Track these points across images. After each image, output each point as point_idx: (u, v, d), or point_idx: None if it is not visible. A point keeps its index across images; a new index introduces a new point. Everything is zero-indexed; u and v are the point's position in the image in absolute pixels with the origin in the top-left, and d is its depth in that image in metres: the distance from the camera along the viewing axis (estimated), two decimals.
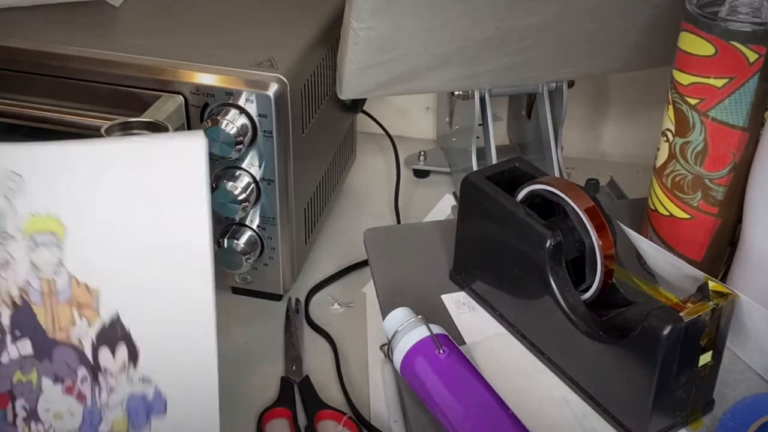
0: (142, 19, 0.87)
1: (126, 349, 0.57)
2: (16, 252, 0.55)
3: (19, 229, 0.55)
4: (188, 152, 0.56)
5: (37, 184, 0.55)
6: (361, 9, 0.78)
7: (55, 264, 0.55)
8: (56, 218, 0.55)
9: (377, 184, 1.10)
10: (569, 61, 0.92)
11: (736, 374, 0.64)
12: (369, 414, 0.78)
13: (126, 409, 0.57)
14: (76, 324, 0.56)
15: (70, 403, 0.57)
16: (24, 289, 0.56)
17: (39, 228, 0.55)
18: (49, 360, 0.56)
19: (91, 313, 0.56)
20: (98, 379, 0.56)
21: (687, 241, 0.69)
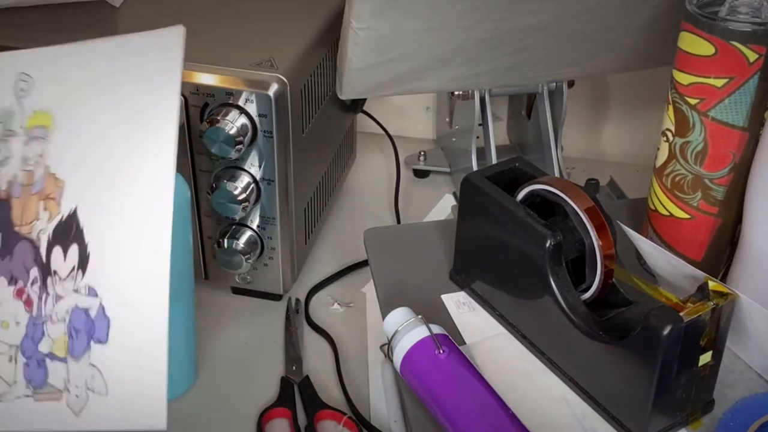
0: (142, 19, 0.87)
1: (77, 252, 0.55)
2: (14, 148, 0.57)
3: (22, 127, 0.57)
4: (167, 40, 0.57)
5: (42, 84, 0.57)
6: (361, 9, 0.78)
7: (38, 156, 0.56)
8: (50, 113, 0.56)
9: (377, 184, 1.10)
10: (569, 61, 0.92)
11: (736, 374, 0.64)
12: (369, 414, 0.78)
13: (68, 327, 0.55)
14: (39, 218, 0.56)
15: (18, 309, 0.56)
16: (11, 182, 0.56)
17: (36, 123, 0.57)
18: (10, 257, 0.56)
19: (53, 206, 0.56)
20: (47, 283, 0.55)
21: (687, 241, 0.69)
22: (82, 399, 0.54)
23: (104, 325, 0.55)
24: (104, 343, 0.55)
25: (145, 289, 0.54)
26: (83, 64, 0.57)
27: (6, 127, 0.56)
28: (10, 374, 0.55)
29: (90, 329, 0.55)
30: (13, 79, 0.57)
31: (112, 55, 0.57)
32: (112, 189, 0.55)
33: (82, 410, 0.54)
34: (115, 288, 0.55)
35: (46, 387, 0.55)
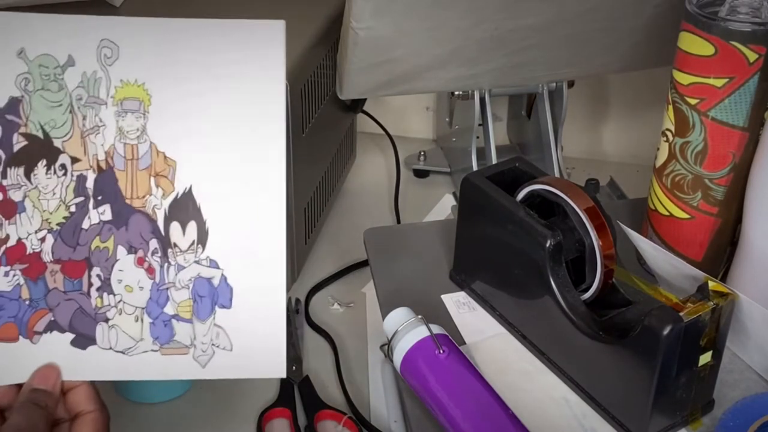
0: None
1: (196, 228, 0.59)
2: (106, 117, 0.58)
3: (110, 96, 0.58)
4: (268, 32, 0.60)
5: (130, 54, 0.58)
6: (361, 9, 0.78)
7: (139, 130, 0.58)
8: (143, 87, 0.58)
9: (377, 184, 1.10)
10: (569, 61, 0.92)
11: (736, 374, 0.64)
12: (369, 414, 0.78)
13: (192, 292, 0.59)
14: (152, 193, 0.59)
15: (140, 275, 0.59)
16: (110, 153, 0.58)
17: (127, 95, 0.58)
18: (126, 228, 0.59)
19: (166, 184, 0.59)
20: (167, 254, 0.59)
21: (687, 241, 0.69)
22: (208, 354, 0.59)
23: (227, 292, 0.59)
24: (228, 308, 0.59)
25: (265, 261, 0.59)
26: (176, 40, 0.58)
27: (91, 94, 0.58)
28: (137, 332, 0.59)
29: (214, 295, 0.59)
30: (96, 44, 0.58)
31: (210, 36, 0.59)
32: (225, 166, 0.58)
33: (208, 363, 0.59)
34: (237, 260, 0.59)
35: (173, 343, 0.59)
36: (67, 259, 0.59)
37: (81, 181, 0.59)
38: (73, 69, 0.58)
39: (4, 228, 0.59)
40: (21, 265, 0.59)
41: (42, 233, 0.59)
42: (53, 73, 0.58)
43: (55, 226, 0.59)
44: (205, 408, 0.79)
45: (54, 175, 0.59)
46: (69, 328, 0.59)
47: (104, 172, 0.59)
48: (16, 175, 0.59)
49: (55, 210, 0.59)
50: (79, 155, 0.59)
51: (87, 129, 0.59)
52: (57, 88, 0.58)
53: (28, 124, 0.59)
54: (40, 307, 0.59)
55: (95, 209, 0.59)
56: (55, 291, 0.59)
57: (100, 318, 0.59)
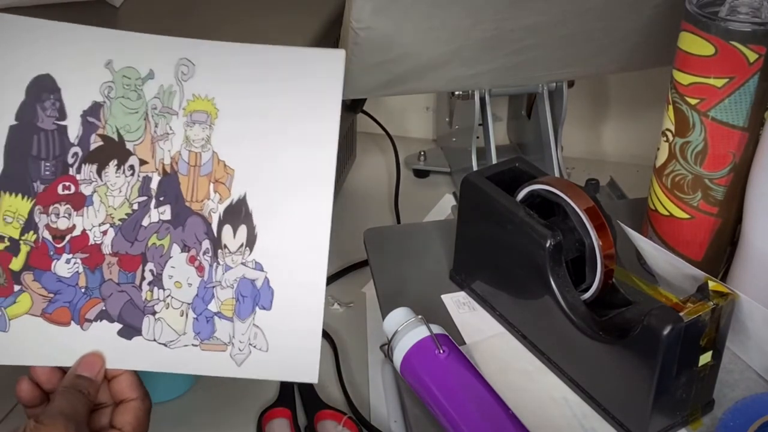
0: (142, 19, 0.87)
1: (246, 232, 0.63)
2: (176, 126, 0.64)
3: (181, 107, 0.64)
4: (328, 61, 0.65)
5: (204, 72, 0.64)
6: (361, 9, 0.78)
7: (204, 140, 0.63)
8: (212, 101, 0.64)
9: (377, 184, 1.10)
10: (569, 61, 0.92)
11: (736, 374, 0.64)
12: (369, 414, 0.78)
13: (236, 292, 0.62)
14: (210, 197, 0.63)
15: (190, 273, 0.63)
16: (175, 159, 0.63)
17: (197, 108, 0.64)
18: (182, 228, 0.63)
19: (223, 190, 0.63)
20: (217, 255, 0.63)
21: (687, 241, 0.69)
22: (244, 353, 0.62)
23: (269, 294, 0.62)
24: (268, 310, 0.62)
25: (306, 268, 0.63)
26: (246, 63, 0.64)
27: (165, 104, 0.64)
28: (181, 326, 0.62)
29: (256, 297, 0.62)
30: (175, 62, 0.64)
31: (276, 61, 0.64)
32: (279, 181, 0.63)
33: (243, 362, 0.62)
34: (280, 265, 0.63)
35: (213, 339, 0.62)
36: (125, 253, 0.63)
37: (146, 182, 0.63)
38: (153, 81, 0.64)
39: (72, 218, 0.63)
40: (82, 254, 0.63)
41: (105, 227, 0.63)
42: (134, 83, 0.64)
43: (117, 221, 0.63)
44: (205, 408, 0.79)
45: (123, 175, 0.63)
46: (118, 318, 0.62)
47: (168, 176, 0.63)
48: (89, 171, 0.63)
49: (119, 206, 0.63)
50: (147, 158, 0.63)
51: (158, 135, 0.64)
52: (136, 97, 0.64)
53: (105, 127, 0.63)
54: (93, 296, 0.62)
55: (156, 209, 0.63)
56: (109, 282, 0.62)
57: (148, 311, 0.62)
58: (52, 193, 0.63)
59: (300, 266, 0.63)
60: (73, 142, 0.63)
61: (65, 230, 0.63)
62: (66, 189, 0.63)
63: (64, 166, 0.63)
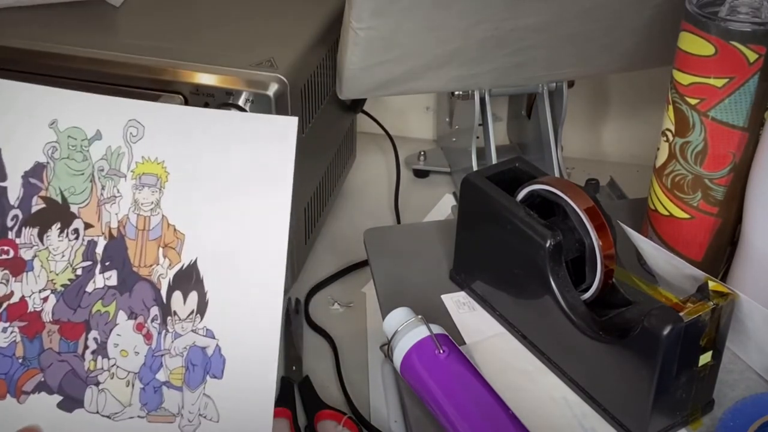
0: (142, 19, 0.87)
1: (196, 298, 0.60)
2: (123, 189, 0.62)
3: (130, 170, 0.62)
4: (281, 128, 0.62)
5: (154, 134, 0.62)
6: (361, 9, 0.78)
7: (153, 204, 0.61)
8: (162, 164, 0.62)
9: (377, 184, 1.10)
10: (569, 61, 0.92)
11: (736, 374, 0.64)
12: (369, 414, 0.78)
13: (186, 360, 0.60)
14: (159, 263, 0.61)
15: (138, 341, 0.60)
16: (123, 222, 0.61)
17: (147, 171, 0.62)
18: (129, 294, 0.61)
19: (173, 255, 0.61)
20: (167, 322, 0.60)
21: (687, 241, 0.69)
22: (194, 424, 0.60)
23: (220, 362, 0.60)
24: (219, 379, 0.60)
25: (260, 334, 0.60)
26: (198, 125, 0.62)
27: (112, 166, 0.61)
28: (126, 397, 0.60)
29: (206, 365, 0.60)
30: (123, 123, 0.61)
31: (228, 125, 0.62)
32: (230, 244, 0.61)
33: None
34: (232, 332, 0.60)
35: (160, 410, 0.60)
36: (66, 321, 0.60)
37: (91, 246, 0.61)
38: (100, 142, 0.62)
39: (9, 284, 0.61)
40: (20, 322, 0.60)
41: (45, 293, 0.61)
42: (80, 144, 0.62)
43: (59, 287, 0.61)
44: None
45: (66, 239, 0.61)
46: (58, 389, 0.60)
47: (115, 240, 0.61)
48: (29, 234, 0.61)
49: (62, 271, 0.61)
50: (93, 222, 0.61)
51: (104, 198, 0.62)
52: (81, 158, 0.62)
53: (48, 189, 0.61)
54: (31, 367, 0.60)
55: (101, 274, 0.61)
56: (49, 351, 0.60)
57: (91, 381, 0.60)
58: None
59: (253, 332, 0.60)
60: (13, 204, 0.61)
61: (2, 297, 0.60)
62: (4, 253, 0.61)
63: (3, 229, 0.60)
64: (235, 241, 0.61)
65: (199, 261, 0.61)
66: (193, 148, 0.62)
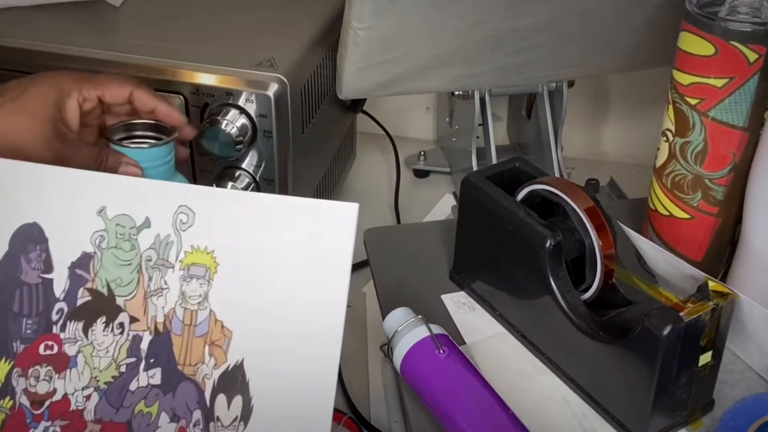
0: (142, 19, 0.87)
1: (241, 403, 0.57)
2: (171, 281, 0.58)
3: (178, 260, 0.58)
4: (340, 215, 0.57)
5: (204, 221, 0.58)
6: (362, 9, 0.78)
7: (201, 297, 0.58)
8: (212, 254, 0.58)
9: (377, 184, 1.10)
10: (569, 61, 0.92)
11: (736, 374, 0.64)
12: (369, 414, 0.78)
13: None
14: (204, 362, 0.57)
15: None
16: (169, 317, 0.58)
17: (195, 261, 0.58)
18: (173, 394, 0.57)
19: (219, 354, 0.57)
20: (209, 427, 0.57)
21: (687, 241, 0.69)
22: None
23: None
24: None
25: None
26: (250, 213, 0.58)
27: (160, 256, 0.58)
28: None
29: None
30: (174, 209, 0.58)
31: (283, 212, 0.58)
32: (280, 344, 0.57)
33: None
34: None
35: None
36: (109, 420, 0.57)
37: (136, 341, 0.58)
38: (148, 230, 0.58)
39: (53, 381, 0.58)
40: (62, 421, 0.57)
41: (89, 390, 0.58)
42: (129, 233, 0.58)
43: (102, 384, 0.58)
44: None
45: (111, 333, 0.58)
46: None
47: (160, 335, 0.58)
48: (74, 329, 0.58)
49: (105, 368, 0.58)
50: (139, 315, 0.58)
51: (151, 290, 0.58)
52: (129, 247, 0.58)
53: (95, 280, 0.58)
54: None
55: (145, 371, 0.58)
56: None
57: None
58: (33, 354, 0.57)
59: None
60: (59, 297, 0.58)
61: (45, 395, 0.57)
62: (48, 349, 0.57)
63: (48, 324, 0.57)
64: (286, 340, 0.57)
65: (246, 361, 0.57)
66: (246, 236, 0.57)
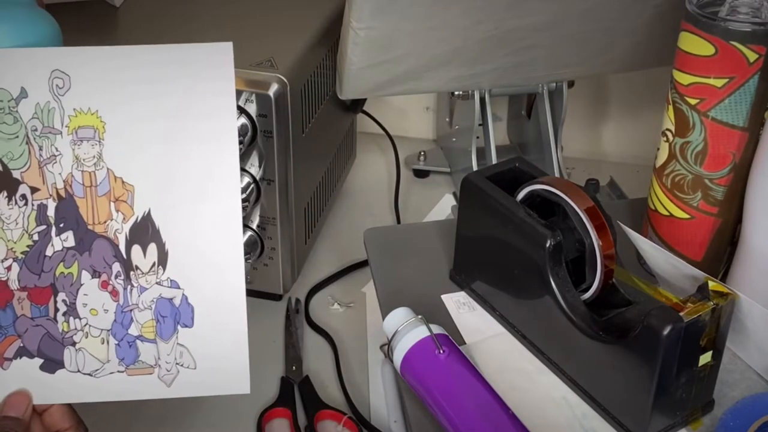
0: (142, 19, 0.88)
1: (156, 250, 0.60)
2: (62, 147, 0.60)
3: (64, 125, 0.60)
4: (216, 55, 0.60)
5: (82, 83, 0.59)
6: (361, 9, 0.78)
7: (95, 158, 0.60)
8: (97, 114, 0.60)
9: (377, 184, 1.10)
10: (569, 61, 0.92)
11: (736, 374, 0.64)
12: (369, 414, 0.78)
13: (155, 313, 0.60)
14: (113, 218, 0.60)
15: (105, 298, 0.60)
16: (68, 182, 0.60)
17: (81, 123, 0.60)
18: (89, 253, 0.60)
19: (126, 208, 0.60)
20: (130, 277, 0.60)
21: (687, 241, 0.69)
22: (172, 373, 0.61)
23: (189, 311, 0.60)
24: (190, 327, 0.61)
25: (222, 277, 0.60)
26: (128, 66, 0.60)
27: (45, 124, 0.60)
28: (103, 354, 0.61)
29: (176, 315, 0.60)
30: (47, 75, 0.59)
31: (158, 61, 0.60)
32: (181, 189, 0.60)
33: (172, 382, 0.61)
34: (196, 279, 0.60)
35: (138, 363, 0.61)
36: (33, 286, 0.60)
37: (42, 210, 0.60)
38: (27, 101, 0.59)
39: None
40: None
41: (8, 262, 0.60)
42: (7, 106, 0.59)
43: (19, 254, 0.60)
44: (205, 408, 0.79)
45: (15, 206, 0.60)
46: (38, 353, 0.60)
47: (64, 200, 0.60)
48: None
49: (18, 239, 0.60)
50: (38, 185, 0.60)
51: (44, 159, 0.60)
52: (12, 120, 0.60)
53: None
54: (9, 334, 0.60)
55: (58, 236, 0.60)
56: (23, 317, 0.60)
57: (68, 342, 0.60)
58: None
59: (217, 276, 0.60)
60: None
61: None
62: None
63: None
64: (186, 185, 0.60)
65: (153, 212, 0.60)
66: (126, 90, 0.59)
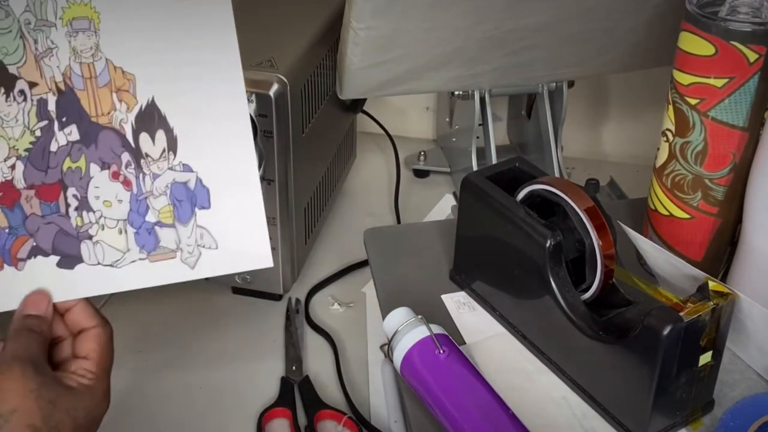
0: None
1: (165, 136, 0.60)
2: (57, 39, 0.59)
3: (58, 17, 0.58)
4: None
5: None
6: (362, 9, 0.78)
7: (92, 48, 0.59)
8: (90, 5, 0.59)
9: (377, 184, 1.10)
10: (569, 61, 0.92)
11: (736, 374, 0.64)
12: (369, 414, 0.78)
13: (170, 198, 0.60)
14: (116, 108, 0.59)
15: (117, 189, 0.60)
16: (67, 75, 0.59)
17: (76, 15, 0.58)
18: (95, 145, 0.60)
19: (128, 98, 0.59)
20: (141, 165, 0.60)
21: (687, 241, 0.69)
22: (195, 255, 0.61)
23: (204, 193, 0.60)
24: (207, 209, 0.61)
25: (235, 156, 0.60)
26: None
27: (39, 17, 0.59)
28: (122, 244, 0.60)
29: (192, 198, 0.60)
30: None
31: None
32: (183, 74, 0.60)
33: (196, 264, 0.61)
34: (208, 161, 0.60)
35: (159, 249, 0.60)
36: (40, 184, 0.59)
37: (42, 104, 0.59)
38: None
39: None
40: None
41: (11, 161, 0.59)
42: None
43: (23, 152, 0.59)
44: (205, 408, 0.79)
45: (14, 102, 0.59)
46: (53, 250, 0.59)
47: (64, 94, 0.59)
48: None
49: (20, 136, 0.59)
50: (36, 79, 0.59)
51: (40, 52, 0.59)
52: (3, 15, 0.58)
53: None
54: (20, 234, 0.59)
55: (61, 131, 0.59)
56: (33, 216, 0.59)
57: (83, 236, 0.60)
58: None
59: (228, 156, 0.60)
60: None
61: None
62: None
63: None
64: (188, 69, 0.60)
65: (157, 98, 0.59)
66: None
